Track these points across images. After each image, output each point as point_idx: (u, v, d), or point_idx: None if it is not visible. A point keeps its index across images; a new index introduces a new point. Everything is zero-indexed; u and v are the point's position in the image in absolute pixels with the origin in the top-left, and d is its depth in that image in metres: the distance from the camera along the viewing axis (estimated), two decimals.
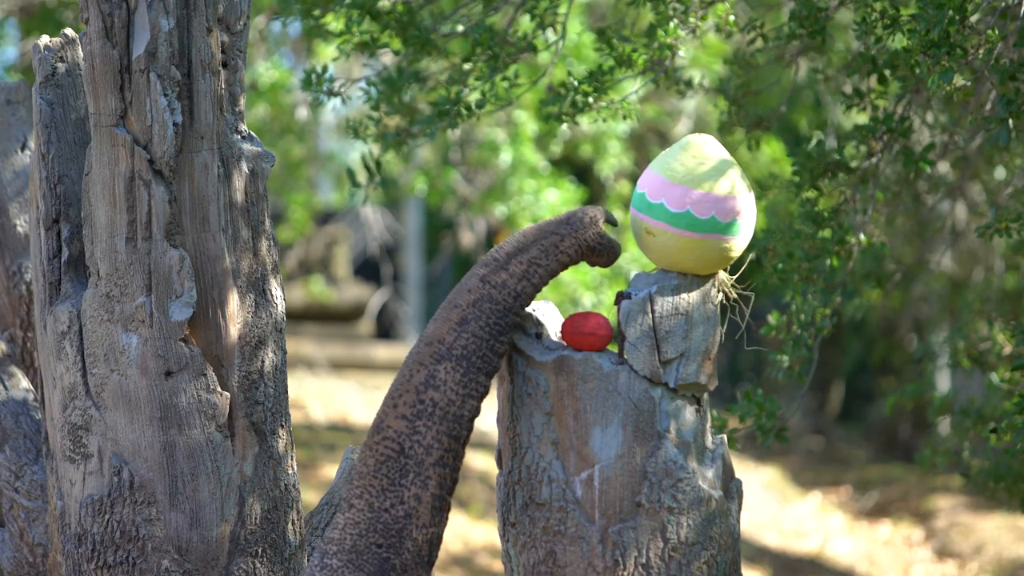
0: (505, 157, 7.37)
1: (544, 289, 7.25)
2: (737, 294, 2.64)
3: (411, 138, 3.90)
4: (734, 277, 2.63)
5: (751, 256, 3.67)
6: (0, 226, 3.15)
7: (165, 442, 2.68)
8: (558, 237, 2.50)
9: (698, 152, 2.52)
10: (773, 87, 4.51)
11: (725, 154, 2.54)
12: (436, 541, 2.49)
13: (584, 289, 7.02)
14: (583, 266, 7.14)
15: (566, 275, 7.05)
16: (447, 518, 2.49)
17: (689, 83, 4.01)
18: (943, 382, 9.34)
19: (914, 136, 3.96)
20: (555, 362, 2.53)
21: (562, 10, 3.73)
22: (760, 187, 4.28)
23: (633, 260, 7.52)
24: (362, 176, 4.04)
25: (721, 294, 2.61)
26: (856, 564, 7.18)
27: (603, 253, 2.53)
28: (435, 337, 2.47)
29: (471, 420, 2.49)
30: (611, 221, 2.55)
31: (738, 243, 2.54)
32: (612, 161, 7.96)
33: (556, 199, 7.43)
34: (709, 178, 2.50)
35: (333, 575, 2.45)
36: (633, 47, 3.48)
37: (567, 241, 2.51)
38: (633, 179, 9.38)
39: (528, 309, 2.61)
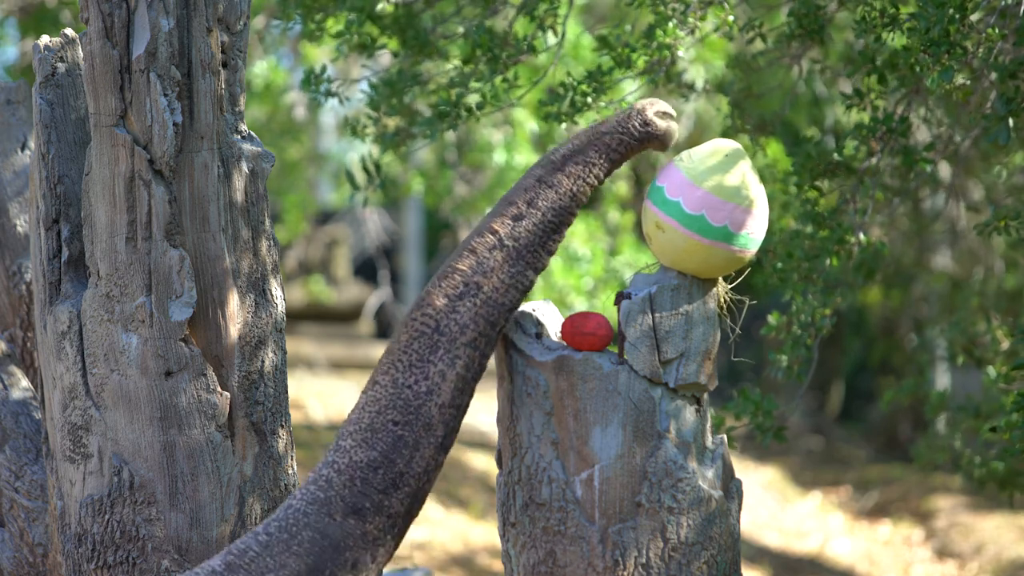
0: (498, 158, 7.37)
1: (537, 289, 7.24)
2: (731, 300, 2.64)
3: (410, 139, 3.90)
4: (732, 284, 2.63)
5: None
6: (0, 226, 3.16)
7: (165, 442, 2.68)
8: (608, 136, 2.54)
9: (724, 159, 2.53)
10: (775, 90, 4.51)
11: (749, 165, 2.54)
12: (452, 424, 2.47)
13: (576, 294, 7.00)
14: (574, 269, 7.13)
15: (559, 278, 7.03)
16: (467, 406, 2.48)
17: (691, 86, 4.01)
18: (942, 381, 9.34)
19: (913, 135, 3.96)
20: (555, 362, 2.53)
21: (562, 11, 3.73)
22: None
23: (627, 264, 7.52)
24: (361, 178, 4.05)
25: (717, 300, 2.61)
26: (856, 564, 7.18)
27: (651, 142, 2.57)
28: (488, 228, 2.50)
29: (510, 311, 2.49)
30: (666, 113, 2.58)
31: (744, 255, 2.54)
32: None
33: None
34: (730, 187, 2.50)
35: (344, 456, 2.44)
36: (632, 48, 3.48)
37: (615, 139, 2.54)
38: (629, 180, 9.38)
39: (528, 309, 2.61)
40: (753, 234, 2.53)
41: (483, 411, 9.15)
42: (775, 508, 8.30)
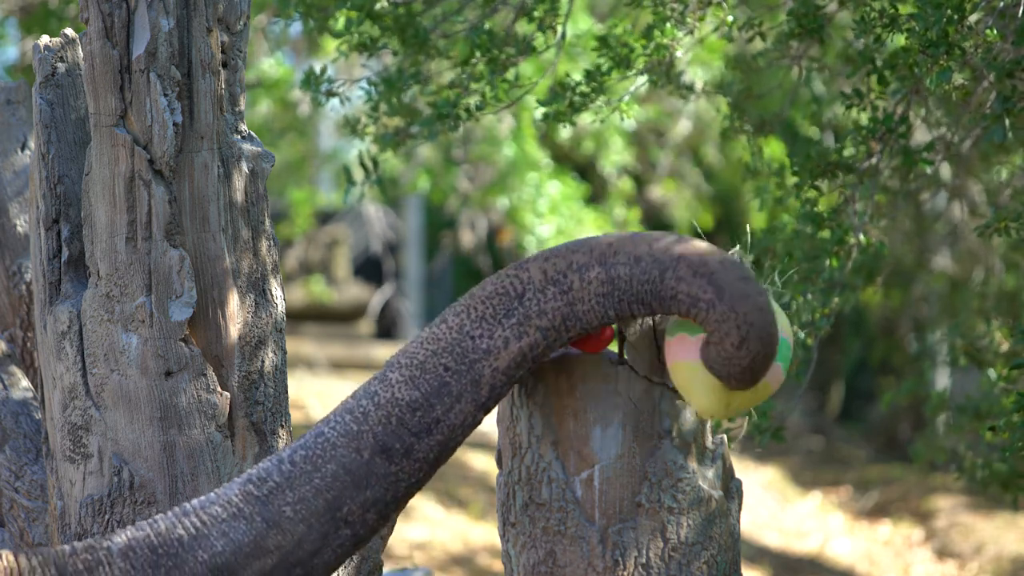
0: (507, 152, 7.38)
1: None
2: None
3: (410, 138, 3.90)
4: None
5: (751, 256, 3.68)
6: (0, 226, 3.16)
7: (165, 442, 2.68)
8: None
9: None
10: (775, 90, 4.52)
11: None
12: (499, 391, 2.41)
13: None
14: None
15: None
16: (518, 381, 2.42)
17: (691, 87, 4.01)
18: (943, 381, 9.34)
19: (913, 135, 3.96)
20: (555, 362, 2.53)
21: (562, 11, 3.73)
22: (748, 170, 4.28)
23: None
24: (358, 174, 4.04)
25: None
26: (856, 564, 7.18)
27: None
28: (608, 243, 2.38)
29: (584, 325, 2.39)
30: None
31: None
32: (614, 158, 7.95)
33: (557, 192, 7.42)
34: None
35: (388, 389, 2.39)
36: (630, 49, 3.49)
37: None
38: (634, 176, 9.37)
39: None
40: None
41: None
42: (775, 508, 8.31)
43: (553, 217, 7.35)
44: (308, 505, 2.35)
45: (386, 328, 12.14)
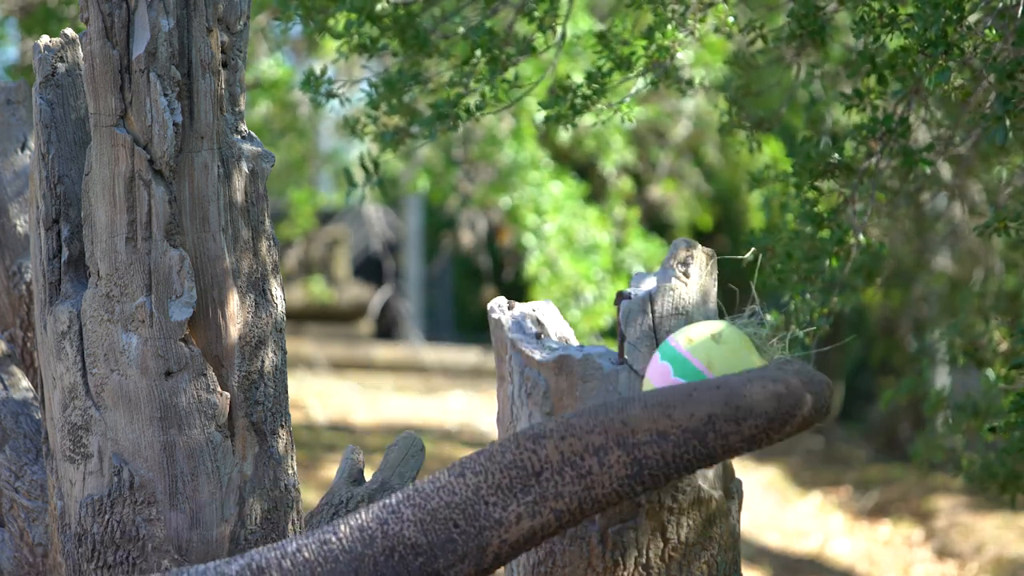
0: (508, 151, 7.40)
1: (548, 283, 7.25)
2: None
3: (410, 138, 3.90)
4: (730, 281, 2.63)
5: (751, 256, 3.68)
6: (0, 226, 3.16)
7: (165, 442, 2.69)
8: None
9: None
10: (774, 88, 4.52)
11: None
12: (503, 558, 2.37)
13: (586, 283, 7.02)
14: (584, 258, 7.15)
15: (567, 268, 7.04)
16: (524, 551, 2.38)
17: (690, 82, 4.01)
18: (942, 380, 9.34)
19: (913, 135, 3.96)
20: (555, 362, 2.53)
21: (562, 12, 3.73)
22: (755, 180, 4.29)
23: (635, 255, 7.53)
24: (359, 176, 4.05)
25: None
26: (856, 564, 7.18)
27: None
28: (635, 424, 2.34)
29: (603, 507, 2.36)
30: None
31: None
32: (615, 157, 7.96)
33: (560, 192, 7.44)
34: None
35: (399, 524, 2.36)
36: (631, 49, 3.49)
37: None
38: (634, 175, 9.37)
39: (528, 309, 2.61)
40: None
41: (483, 411, 9.15)
42: (775, 508, 8.30)
43: (556, 215, 7.37)
44: None
45: (386, 328, 12.14)
